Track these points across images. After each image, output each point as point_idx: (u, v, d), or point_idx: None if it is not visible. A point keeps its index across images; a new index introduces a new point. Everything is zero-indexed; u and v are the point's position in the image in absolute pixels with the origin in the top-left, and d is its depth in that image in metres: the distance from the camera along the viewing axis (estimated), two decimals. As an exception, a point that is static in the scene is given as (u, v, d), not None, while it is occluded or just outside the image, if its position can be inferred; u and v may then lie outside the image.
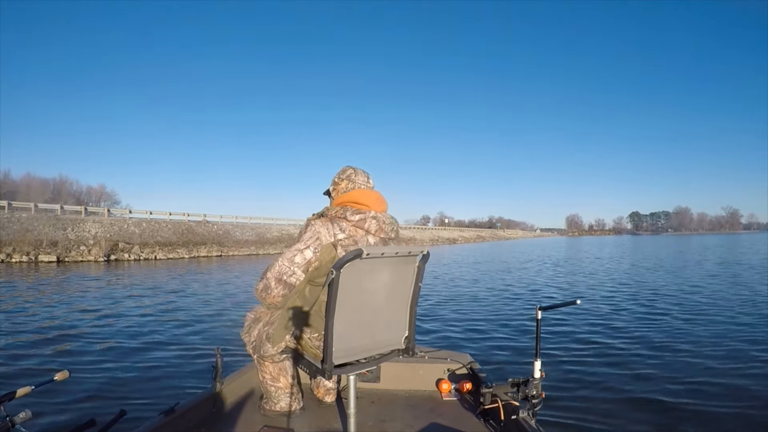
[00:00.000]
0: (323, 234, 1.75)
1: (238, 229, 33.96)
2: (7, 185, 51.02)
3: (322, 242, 1.74)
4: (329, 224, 1.77)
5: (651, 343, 5.61)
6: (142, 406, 3.47)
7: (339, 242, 1.75)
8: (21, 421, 1.53)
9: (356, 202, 1.84)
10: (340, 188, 1.93)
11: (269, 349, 1.90)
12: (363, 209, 1.82)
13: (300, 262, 1.74)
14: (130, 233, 27.09)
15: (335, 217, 1.80)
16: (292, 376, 2.06)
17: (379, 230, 1.82)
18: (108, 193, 64.71)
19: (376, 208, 1.85)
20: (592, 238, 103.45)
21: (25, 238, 22.52)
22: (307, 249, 1.74)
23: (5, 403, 1.57)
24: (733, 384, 4.07)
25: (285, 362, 2.01)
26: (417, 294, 1.63)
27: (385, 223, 1.84)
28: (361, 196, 1.85)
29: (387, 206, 1.92)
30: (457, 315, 7.66)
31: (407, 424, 2.05)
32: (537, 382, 1.85)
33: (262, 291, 1.77)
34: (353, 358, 1.55)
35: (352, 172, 1.93)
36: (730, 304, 8.24)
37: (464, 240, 68.91)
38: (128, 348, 5.35)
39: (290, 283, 1.76)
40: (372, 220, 1.80)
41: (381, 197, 1.91)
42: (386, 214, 1.89)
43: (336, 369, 1.50)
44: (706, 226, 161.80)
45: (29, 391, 1.67)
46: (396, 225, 1.90)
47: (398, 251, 1.50)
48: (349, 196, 1.87)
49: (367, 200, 1.85)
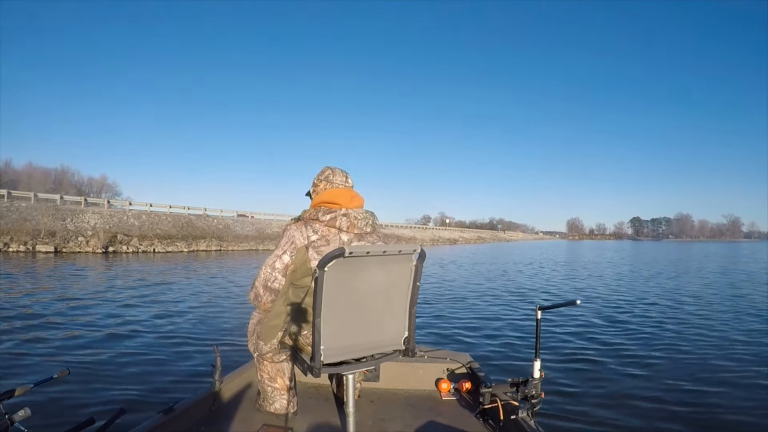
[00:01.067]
0: (297, 238, 1.83)
1: (238, 223, 33.96)
2: (9, 174, 51.00)
3: (297, 246, 1.82)
4: (303, 227, 1.84)
5: (651, 343, 5.63)
6: (141, 404, 3.46)
7: (311, 244, 1.81)
8: (20, 419, 1.52)
9: (329, 202, 1.89)
10: (318, 189, 1.98)
11: (262, 346, 1.96)
12: (335, 208, 1.87)
13: (280, 268, 1.84)
14: (129, 225, 27.06)
15: (309, 220, 1.87)
16: (289, 378, 2.07)
17: (351, 226, 1.86)
18: (109, 185, 64.60)
19: (347, 205, 1.89)
20: (593, 242, 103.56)
21: (23, 228, 22.36)
22: (284, 254, 1.83)
23: (4, 401, 1.55)
24: (733, 385, 4.08)
25: (283, 363, 2.03)
26: (416, 294, 1.61)
27: (357, 219, 1.87)
28: (332, 195, 1.90)
29: (362, 202, 1.97)
30: (457, 314, 7.66)
31: (406, 424, 2.04)
32: (536, 382, 1.85)
33: (254, 299, 1.91)
34: (348, 357, 1.53)
35: (330, 173, 1.98)
36: (731, 308, 8.26)
37: (465, 241, 68.92)
38: (128, 346, 5.34)
39: (275, 288, 1.86)
40: (342, 217, 1.85)
41: (354, 194, 1.95)
42: (360, 209, 1.92)
43: (329, 367, 1.49)
44: (706, 234, 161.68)
45: (28, 389, 1.65)
46: (371, 219, 1.93)
47: (386, 250, 1.47)
48: (321, 196, 1.92)
49: (338, 198, 1.89)
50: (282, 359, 2.01)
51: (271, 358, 1.99)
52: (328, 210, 1.85)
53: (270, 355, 1.98)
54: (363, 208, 1.96)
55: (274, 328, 1.89)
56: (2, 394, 1.57)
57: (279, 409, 2.06)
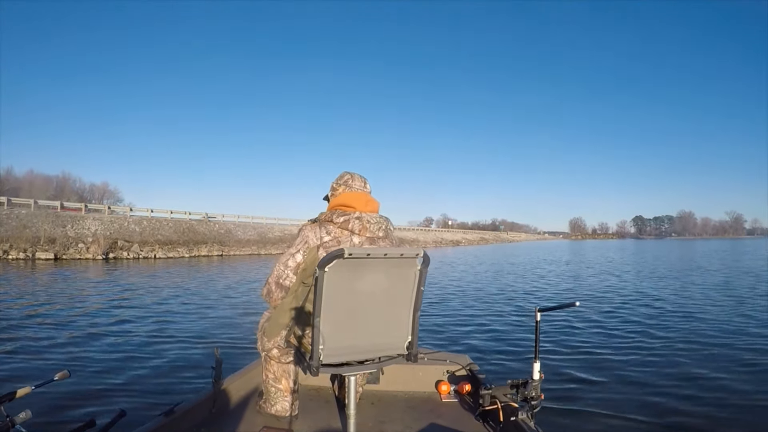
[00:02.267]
0: (310, 238, 1.88)
1: (240, 228, 33.86)
2: (10, 182, 51.05)
3: (310, 245, 1.87)
4: (317, 228, 1.89)
5: (650, 344, 5.62)
6: (142, 406, 3.47)
7: (323, 244, 1.85)
8: (21, 421, 1.53)
9: (344, 205, 1.93)
10: (337, 193, 2.02)
11: (266, 342, 2.00)
12: (349, 211, 1.91)
13: (292, 266, 1.89)
14: (130, 231, 26.95)
15: (323, 221, 1.92)
16: (294, 381, 2.08)
17: (363, 229, 1.88)
18: (111, 191, 64.55)
19: (362, 208, 1.93)
20: (596, 241, 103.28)
21: (22, 235, 22.16)
22: (297, 253, 1.88)
23: (5, 403, 1.57)
24: (733, 386, 4.07)
25: (289, 365, 2.05)
26: (420, 299, 1.61)
27: (370, 223, 1.90)
28: (348, 199, 1.94)
29: (377, 206, 2.00)
30: (457, 316, 7.66)
31: (407, 426, 2.05)
32: (536, 384, 1.86)
33: (266, 295, 1.93)
34: (349, 358, 1.54)
35: (349, 178, 2.02)
36: (733, 309, 8.22)
37: (468, 242, 68.88)
38: (128, 348, 5.35)
39: (286, 285, 1.90)
40: (355, 220, 1.88)
41: (369, 198, 1.98)
42: (374, 214, 1.95)
43: (330, 368, 1.49)
44: (709, 231, 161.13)
45: (29, 391, 1.67)
46: (385, 224, 1.95)
47: (387, 253, 1.48)
48: (337, 199, 1.96)
49: (353, 202, 1.93)
50: (289, 360, 2.02)
51: (278, 358, 2.01)
52: (342, 213, 1.89)
53: (277, 355, 2.00)
54: (378, 212, 1.99)
55: (279, 326, 1.92)
56: (3, 396, 1.59)
57: (280, 411, 2.06)
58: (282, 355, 2.00)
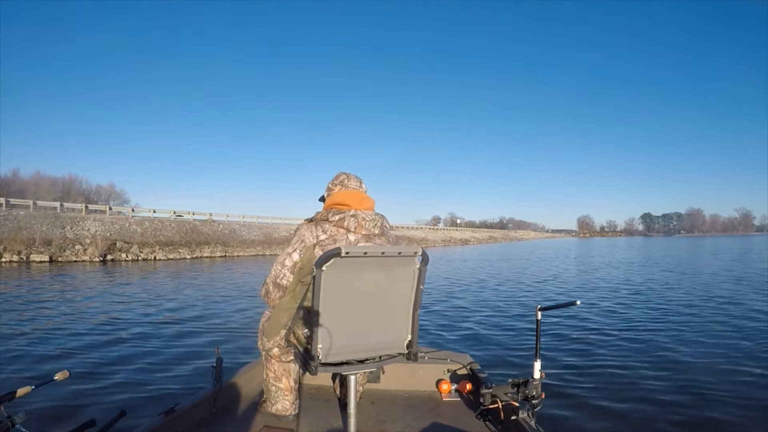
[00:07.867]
0: (307, 236, 1.89)
1: (244, 228, 33.52)
2: (16, 184, 51.33)
3: (306, 244, 1.88)
4: (313, 227, 1.90)
5: (651, 344, 5.59)
6: (142, 406, 3.47)
7: (320, 243, 1.86)
8: (21, 421, 1.53)
9: (339, 203, 1.95)
10: (332, 193, 2.03)
11: (266, 342, 2.00)
12: (344, 209, 1.92)
13: (289, 265, 1.90)
14: (131, 232, 26.49)
15: (319, 220, 1.93)
16: (294, 380, 2.08)
17: (358, 227, 1.88)
18: (117, 192, 64.47)
19: (357, 206, 1.93)
20: (604, 239, 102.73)
21: (17, 237, 21.38)
22: (294, 252, 1.89)
23: (5, 403, 1.57)
24: (733, 387, 4.04)
25: (290, 364, 2.05)
26: (419, 297, 1.61)
27: (365, 220, 1.90)
28: (343, 197, 1.96)
29: (372, 204, 2.00)
30: (458, 315, 7.66)
31: (407, 425, 2.04)
32: (537, 383, 1.85)
33: (265, 295, 1.95)
34: (349, 357, 1.53)
35: (345, 178, 2.03)
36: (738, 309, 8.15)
37: (477, 241, 68.50)
38: (128, 348, 5.36)
39: (283, 285, 1.91)
40: (351, 218, 1.88)
41: (364, 196, 1.99)
42: (369, 211, 1.96)
43: (330, 367, 1.49)
44: (718, 228, 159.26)
45: (29, 391, 1.67)
46: (381, 221, 1.95)
47: (385, 251, 1.47)
48: (333, 198, 1.98)
49: (348, 200, 1.94)
50: (289, 359, 2.02)
51: (278, 357, 2.01)
52: (337, 211, 1.90)
53: (278, 354, 2.00)
54: (373, 210, 1.99)
55: (278, 325, 1.92)
56: (3, 396, 1.59)
57: (281, 410, 2.06)
58: (282, 354, 2.00)
